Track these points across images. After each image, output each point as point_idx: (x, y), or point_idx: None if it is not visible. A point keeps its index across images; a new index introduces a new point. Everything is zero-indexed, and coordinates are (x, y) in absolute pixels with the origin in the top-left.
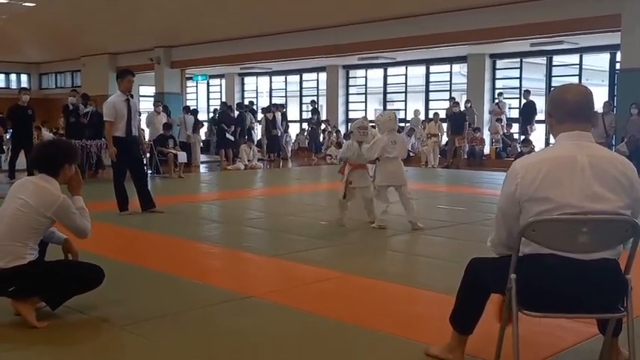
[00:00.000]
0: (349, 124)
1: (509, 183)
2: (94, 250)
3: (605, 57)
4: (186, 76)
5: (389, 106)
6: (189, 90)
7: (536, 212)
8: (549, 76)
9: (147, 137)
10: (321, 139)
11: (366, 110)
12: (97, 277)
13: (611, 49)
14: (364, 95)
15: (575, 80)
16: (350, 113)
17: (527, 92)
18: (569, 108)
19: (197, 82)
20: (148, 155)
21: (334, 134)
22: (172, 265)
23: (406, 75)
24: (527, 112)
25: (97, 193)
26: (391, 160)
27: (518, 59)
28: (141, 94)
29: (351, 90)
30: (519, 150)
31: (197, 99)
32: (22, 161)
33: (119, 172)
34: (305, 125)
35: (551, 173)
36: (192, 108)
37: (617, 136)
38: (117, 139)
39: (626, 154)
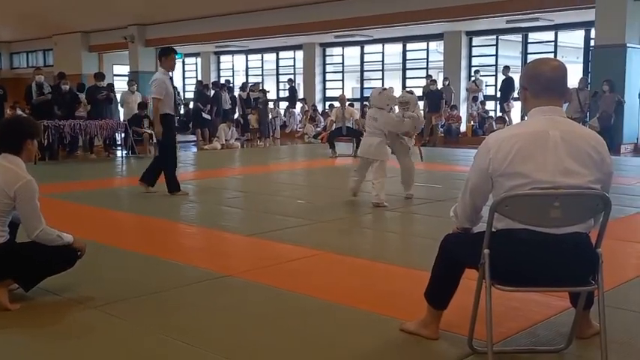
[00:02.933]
0: (327, 102)
1: (482, 158)
2: (68, 231)
3: (580, 34)
4: None
5: (366, 84)
6: None
7: (509, 187)
8: (525, 54)
9: (122, 117)
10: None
11: (343, 89)
12: (70, 259)
13: (586, 25)
14: (341, 74)
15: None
16: (327, 92)
17: (507, 68)
18: (543, 82)
19: None
20: (123, 135)
21: (311, 112)
22: (147, 245)
23: (383, 53)
24: (506, 88)
25: (72, 174)
26: (369, 134)
27: (495, 36)
28: (115, 73)
29: (328, 68)
30: (495, 128)
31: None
32: None
33: (173, 149)
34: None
35: (523, 148)
36: None
37: (591, 113)
38: (167, 117)
39: (598, 129)
